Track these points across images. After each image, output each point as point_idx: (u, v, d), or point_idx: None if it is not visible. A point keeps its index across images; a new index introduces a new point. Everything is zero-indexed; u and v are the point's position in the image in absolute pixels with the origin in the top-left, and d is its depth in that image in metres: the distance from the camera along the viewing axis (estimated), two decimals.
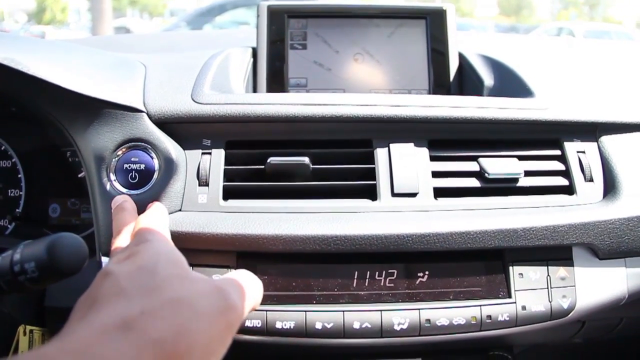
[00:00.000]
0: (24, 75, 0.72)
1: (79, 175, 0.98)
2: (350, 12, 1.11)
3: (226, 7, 6.84)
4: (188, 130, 0.80)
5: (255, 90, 1.06)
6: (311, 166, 0.78)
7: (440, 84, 1.09)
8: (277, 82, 1.07)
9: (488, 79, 1.01)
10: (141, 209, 0.73)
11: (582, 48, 1.57)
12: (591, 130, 0.86)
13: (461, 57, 1.10)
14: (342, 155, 0.81)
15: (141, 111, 0.78)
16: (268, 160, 0.78)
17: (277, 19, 1.09)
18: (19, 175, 0.99)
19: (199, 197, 0.77)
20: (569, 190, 0.83)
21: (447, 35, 1.10)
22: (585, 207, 0.80)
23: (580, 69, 1.10)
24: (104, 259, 0.75)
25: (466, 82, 1.08)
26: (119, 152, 0.76)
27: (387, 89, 1.09)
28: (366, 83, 1.09)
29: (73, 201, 0.99)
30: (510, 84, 0.95)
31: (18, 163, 0.99)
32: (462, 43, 1.12)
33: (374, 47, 1.10)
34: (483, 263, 0.77)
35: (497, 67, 1.02)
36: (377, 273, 0.75)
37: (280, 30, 1.09)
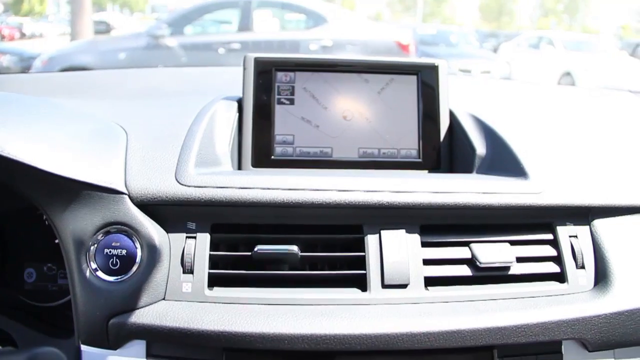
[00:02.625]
0: None
1: (56, 241, 0.93)
2: (339, 66, 1.09)
3: (208, 9, 6.78)
4: (172, 212, 0.76)
5: (240, 148, 1.03)
6: (300, 254, 0.76)
7: (430, 144, 1.07)
8: (264, 139, 1.04)
9: (480, 147, 0.98)
10: (123, 298, 0.70)
11: (578, 101, 1.55)
12: (584, 213, 0.85)
13: (452, 116, 1.08)
14: (331, 241, 0.79)
15: (123, 193, 0.74)
16: (255, 249, 0.75)
17: (264, 71, 1.06)
18: None
19: (183, 286, 0.74)
20: (561, 277, 0.82)
21: (438, 93, 1.08)
22: (576, 298, 0.79)
23: (572, 135, 1.07)
24: (84, 348, 0.72)
25: (456, 144, 1.06)
26: (99, 236, 0.73)
27: (376, 147, 1.07)
28: (354, 142, 1.07)
29: (49, 266, 0.95)
30: (502, 157, 0.93)
31: None
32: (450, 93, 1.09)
33: (364, 104, 1.08)
34: (473, 356, 0.76)
35: (489, 135, 0.99)
36: None
37: (267, 84, 1.06)
